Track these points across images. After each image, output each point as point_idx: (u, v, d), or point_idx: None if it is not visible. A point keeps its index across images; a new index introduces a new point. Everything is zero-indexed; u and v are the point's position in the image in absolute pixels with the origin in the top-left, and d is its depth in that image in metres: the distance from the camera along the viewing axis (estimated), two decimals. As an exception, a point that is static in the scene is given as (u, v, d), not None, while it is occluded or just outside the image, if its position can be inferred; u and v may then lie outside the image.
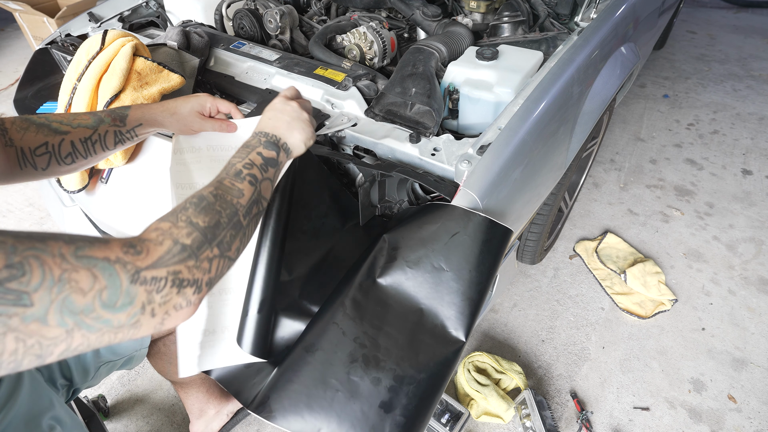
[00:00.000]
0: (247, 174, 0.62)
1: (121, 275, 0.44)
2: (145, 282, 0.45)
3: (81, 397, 1.29)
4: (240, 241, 0.57)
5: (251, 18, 1.42)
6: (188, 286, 0.49)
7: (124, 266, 0.45)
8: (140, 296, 0.45)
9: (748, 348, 1.53)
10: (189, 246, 0.50)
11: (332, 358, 0.76)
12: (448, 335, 0.79)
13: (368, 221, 1.06)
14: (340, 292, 0.85)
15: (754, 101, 2.77)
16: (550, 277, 1.77)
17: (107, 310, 0.43)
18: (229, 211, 0.57)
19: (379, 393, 0.73)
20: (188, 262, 0.49)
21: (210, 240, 0.52)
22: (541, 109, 1.02)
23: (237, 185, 0.60)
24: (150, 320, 0.46)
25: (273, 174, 0.67)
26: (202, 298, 0.51)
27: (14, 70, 3.35)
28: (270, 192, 0.66)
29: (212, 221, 0.54)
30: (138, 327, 0.46)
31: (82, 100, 1.07)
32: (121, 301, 0.44)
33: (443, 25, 1.33)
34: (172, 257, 0.48)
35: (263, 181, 0.64)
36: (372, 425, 0.71)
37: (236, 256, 0.57)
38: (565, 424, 1.35)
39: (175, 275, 0.48)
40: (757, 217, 2.00)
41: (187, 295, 0.49)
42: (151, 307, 0.46)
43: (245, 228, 0.58)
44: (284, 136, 0.71)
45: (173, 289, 0.47)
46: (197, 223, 0.52)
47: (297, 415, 0.73)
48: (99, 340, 0.44)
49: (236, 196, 0.59)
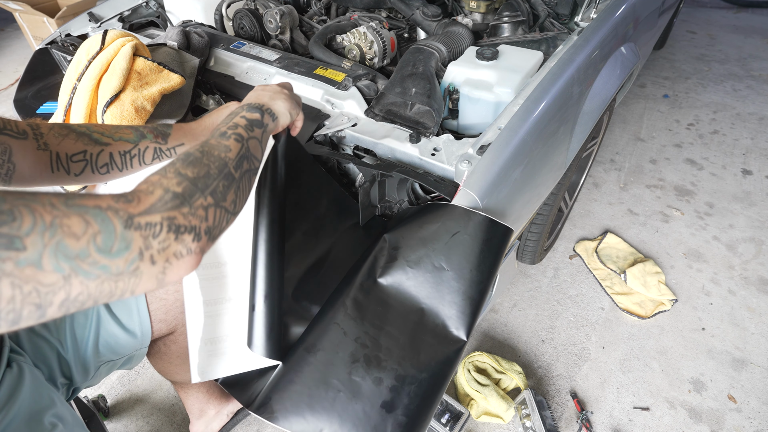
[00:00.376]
0: (232, 133, 0.62)
1: (114, 220, 0.43)
2: (140, 227, 0.45)
3: (81, 397, 1.29)
4: (235, 194, 0.57)
5: (251, 18, 1.42)
6: (186, 232, 0.48)
7: (116, 212, 0.44)
8: (136, 241, 0.44)
9: (748, 348, 1.53)
10: (180, 194, 0.50)
11: (334, 359, 0.76)
12: (449, 335, 0.79)
13: (368, 221, 1.06)
14: (341, 292, 0.85)
15: (754, 101, 2.77)
16: (550, 277, 1.77)
17: (104, 255, 0.42)
18: (217, 164, 0.56)
19: (381, 393, 0.73)
20: (182, 209, 0.49)
21: (201, 189, 0.52)
22: (541, 109, 1.02)
23: (222, 142, 0.60)
24: (151, 268, 0.45)
25: (260, 135, 0.67)
26: (204, 248, 0.51)
27: (14, 70, 3.35)
28: (260, 153, 0.66)
29: (201, 172, 0.53)
30: (139, 275, 0.45)
31: (82, 100, 1.07)
32: (117, 246, 0.43)
33: (443, 25, 1.34)
34: (164, 204, 0.48)
35: (250, 140, 0.64)
36: (374, 425, 0.71)
37: (234, 210, 0.57)
38: (565, 424, 1.35)
39: (171, 221, 0.47)
40: (757, 217, 2.00)
41: (185, 241, 0.48)
42: (150, 253, 0.45)
43: (238, 181, 0.58)
44: (267, 103, 0.72)
45: (170, 234, 0.46)
46: (186, 174, 0.52)
47: (299, 415, 0.73)
48: (99, 290, 0.43)
49: (223, 151, 0.59)
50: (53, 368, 0.80)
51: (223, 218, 0.54)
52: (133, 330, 0.86)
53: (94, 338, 0.83)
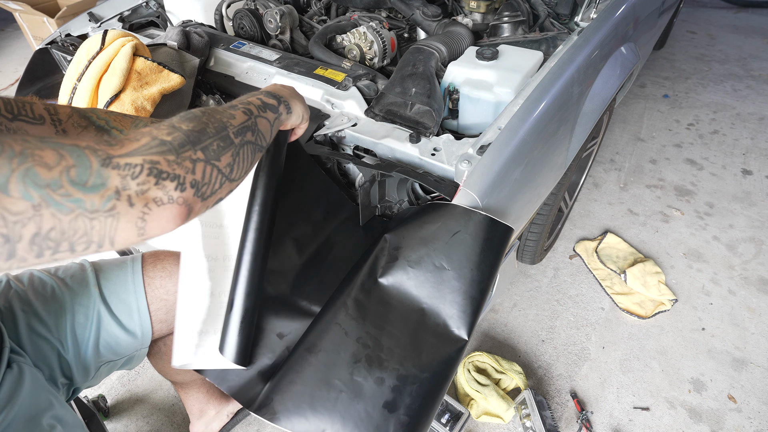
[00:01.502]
0: (241, 106, 0.61)
1: (90, 157, 0.41)
2: (118, 166, 0.42)
3: (81, 397, 1.29)
4: (233, 158, 0.54)
5: (251, 18, 1.42)
6: (168, 179, 0.45)
7: (94, 151, 0.42)
8: (113, 179, 0.42)
9: (748, 348, 1.53)
10: (169, 142, 0.47)
11: (335, 359, 0.76)
12: (450, 334, 0.79)
13: (368, 221, 1.06)
14: (342, 292, 0.85)
15: (754, 101, 2.77)
16: (550, 277, 1.77)
17: (77, 188, 0.40)
18: (217, 125, 0.54)
19: (383, 393, 0.73)
20: (168, 156, 0.46)
21: (193, 142, 0.50)
22: (541, 109, 1.02)
23: (228, 110, 0.59)
24: (128, 210, 0.42)
25: (272, 118, 0.66)
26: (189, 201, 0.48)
27: (14, 70, 3.35)
28: (268, 133, 0.64)
29: (197, 127, 0.51)
30: (116, 216, 0.42)
31: (82, 100, 1.07)
32: (92, 181, 0.40)
33: (443, 25, 1.33)
34: (149, 149, 0.45)
35: (259, 118, 0.62)
36: (376, 425, 0.71)
37: (231, 175, 0.54)
38: (565, 424, 1.35)
39: (152, 164, 0.44)
40: (757, 217, 2.00)
41: (167, 188, 0.45)
42: (128, 193, 0.42)
43: (237, 147, 0.56)
44: (286, 96, 0.71)
45: (150, 177, 0.44)
46: (180, 126, 0.50)
47: (300, 416, 0.73)
48: (73, 226, 0.40)
49: (226, 117, 0.57)
50: (54, 368, 0.80)
51: (216, 179, 0.52)
52: (133, 330, 0.86)
53: (95, 338, 0.83)
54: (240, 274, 0.79)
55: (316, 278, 0.96)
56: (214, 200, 0.53)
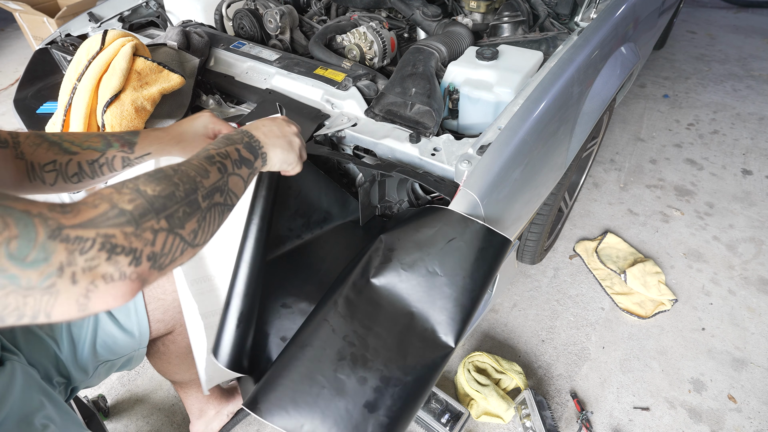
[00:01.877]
0: (218, 161, 0.59)
1: (38, 228, 0.38)
2: (67, 239, 0.39)
3: (81, 397, 1.29)
4: (198, 224, 0.51)
5: (251, 18, 1.42)
6: (122, 253, 0.42)
7: (44, 221, 0.39)
8: (58, 254, 0.38)
9: (748, 348, 1.53)
10: (129, 212, 0.44)
11: (321, 355, 0.76)
12: (437, 340, 0.79)
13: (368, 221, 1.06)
14: (334, 290, 0.85)
15: (754, 101, 2.77)
16: (550, 277, 1.77)
17: (14, 263, 0.37)
18: (188, 186, 0.51)
19: (365, 392, 0.73)
20: (126, 228, 0.43)
21: (157, 210, 0.46)
22: (541, 109, 1.02)
23: (204, 165, 0.56)
24: (70, 288, 0.39)
25: (246, 174, 0.64)
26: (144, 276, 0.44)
27: (14, 70, 3.35)
28: (241, 191, 0.63)
29: (164, 191, 0.48)
30: (54, 294, 0.39)
31: (82, 100, 1.07)
32: (33, 256, 0.37)
33: (443, 25, 1.34)
34: (106, 220, 0.42)
35: (233, 175, 0.60)
36: (355, 424, 0.71)
37: (193, 241, 0.51)
38: (565, 424, 1.35)
39: (106, 238, 0.41)
40: (757, 217, 2.00)
41: (119, 264, 0.42)
42: (72, 270, 0.39)
43: (204, 211, 0.53)
44: (267, 146, 0.69)
45: (102, 253, 0.41)
46: (145, 191, 0.46)
47: (282, 409, 0.72)
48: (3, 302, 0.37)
49: (201, 175, 0.54)
50: (49, 368, 0.80)
51: (177, 248, 0.48)
52: (131, 330, 0.86)
53: (92, 338, 0.83)
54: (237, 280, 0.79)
55: (316, 278, 0.96)
56: (173, 267, 0.49)
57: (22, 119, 1.41)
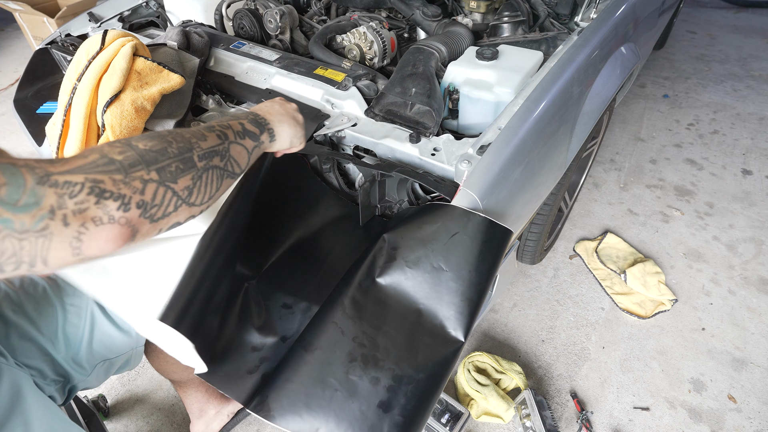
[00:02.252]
0: (218, 129, 0.58)
1: (26, 175, 0.39)
2: (56, 184, 0.40)
3: (81, 397, 1.29)
4: (192, 181, 0.51)
5: (251, 18, 1.42)
6: (111, 198, 0.43)
7: (31, 170, 0.39)
8: (48, 198, 0.39)
9: (748, 348, 1.53)
10: (119, 161, 0.44)
11: (331, 358, 0.76)
12: (447, 335, 0.79)
13: (368, 221, 1.06)
14: (340, 291, 0.85)
15: (754, 101, 2.77)
16: (550, 277, 1.77)
17: (6, 208, 0.37)
18: (181, 145, 0.51)
19: (378, 393, 0.73)
20: (115, 175, 0.43)
21: (147, 162, 0.47)
22: (541, 109, 1.02)
23: (202, 131, 0.56)
24: (63, 230, 0.40)
25: (250, 146, 0.63)
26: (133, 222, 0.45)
27: (14, 70, 3.35)
28: (244, 161, 0.62)
29: (156, 147, 0.48)
30: (48, 236, 0.40)
31: (82, 100, 1.07)
32: (24, 200, 0.38)
33: (443, 25, 1.33)
34: (94, 167, 0.43)
35: (234, 144, 0.59)
36: (370, 425, 0.71)
37: (188, 198, 0.51)
38: (565, 424, 1.35)
39: (95, 183, 0.42)
40: (757, 217, 2.00)
41: (108, 207, 0.42)
42: (63, 213, 0.40)
43: (200, 171, 0.53)
44: (273, 122, 0.69)
45: (91, 197, 0.41)
46: (136, 146, 0.47)
47: (295, 414, 0.73)
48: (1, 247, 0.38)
49: (196, 137, 0.54)
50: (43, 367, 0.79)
51: (169, 201, 0.49)
52: (127, 329, 0.87)
53: (89, 338, 0.84)
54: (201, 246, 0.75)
55: (317, 278, 0.96)
56: (168, 222, 0.50)
57: (22, 119, 1.41)
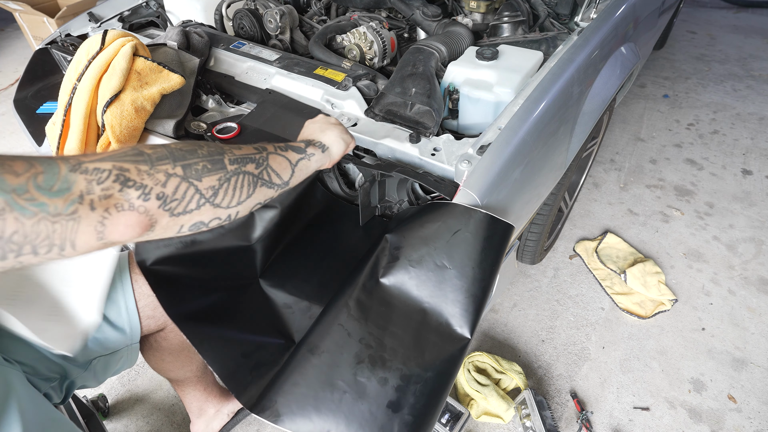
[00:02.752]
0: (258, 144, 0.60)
1: (60, 164, 0.43)
2: (86, 171, 0.43)
3: (80, 397, 1.29)
4: (219, 182, 0.53)
5: (251, 18, 1.42)
6: (133, 187, 0.46)
7: (66, 160, 0.43)
8: (79, 183, 0.43)
9: (748, 348, 1.53)
10: (148, 154, 0.47)
11: (338, 360, 0.76)
12: (453, 333, 0.79)
13: (368, 221, 1.06)
14: (344, 293, 0.85)
15: (754, 101, 2.77)
16: (550, 277, 1.77)
17: (42, 193, 0.41)
18: (212, 149, 0.53)
19: (387, 393, 0.73)
20: (141, 165, 0.46)
21: (175, 158, 0.49)
22: (541, 109, 1.02)
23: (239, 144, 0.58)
24: (89, 214, 0.43)
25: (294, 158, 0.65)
26: (150, 211, 0.47)
27: (14, 70, 3.35)
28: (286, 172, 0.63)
29: (186, 147, 0.51)
30: (77, 220, 0.43)
31: (82, 100, 1.07)
32: (58, 186, 0.42)
33: (443, 25, 1.33)
34: (123, 155, 0.46)
35: (274, 154, 0.61)
36: (381, 425, 0.71)
37: (212, 198, 0.52)
38: (565, 424, 1.35)
39: (121, 171, 0.45)
40: (757, 217, 2.00)
41: (130, 195, 0.45)
42: (90, 198, 0.43)
43: (230, 174, 0.54)
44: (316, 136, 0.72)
45: (116, 184, 0.45)
46: (168, 145, 0.50)
47: (305, 417, 0.73)
48: (36, 230, 0.41)
49: (231, 147, 0.56)
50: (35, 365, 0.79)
51: (191, 197, 0.50)
52: (122, 326, 0.87)
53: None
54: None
55: (317, 279, 0.96)
56: (190, 220, 0.51)
57: (22, 119, 1.41)
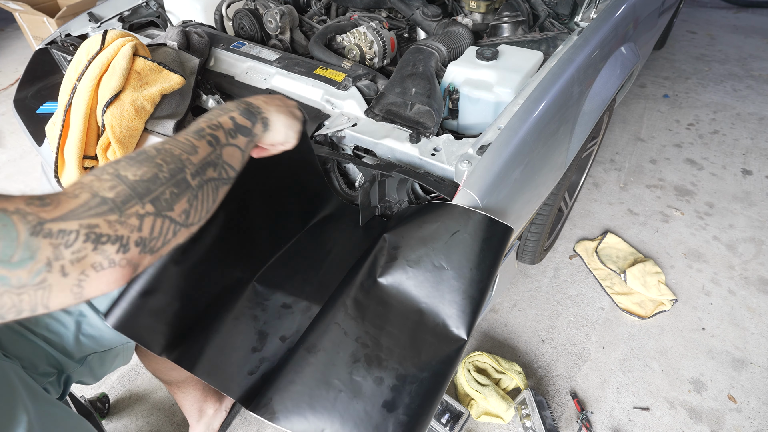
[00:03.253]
0: (209, 134, 0.55)
1: (18, 226, 0.37)
2: (50, 234, 0.39)
3: (78, 396, 1.29)
4: (189, 203, 0.50)
5: (251, 18, 1.42)
6: (108, 242, 0.42)
7: (23, 217, 0.38)
8: (44, 250, 0.38)
9: (748, 348, 1.53)
10: (111, 199, 0.43)
11: (334, 359, 0.76)
12: (449, 334, 0.79)
13: (368, 221, 1.06)
14: (342, 292, 0.85)
15: (754, 101, 2.77)
16: (550, 277, 1.77)
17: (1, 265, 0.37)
18: (172, 166, 0.49)
19: (382, 392, 0.73)
20: (109, 216, 0.42)
21: (140, 195, 0.45)
22: (541, 109, 1.02)
23: (192, 140, 0.53)
24: (62, 280, 0.40)
25: (244, 143, 0.60)
26: (134, 261, 0.44)
27: (14, 70, 3.35)
28: (238, 162, 0.59)
29: (147, 174, 0.46)
30: (47, 288, 0.39)
31: (82, 100, 1.07)
32: (18, 255, 0.37)
33: (443, 25, 1.33)
34: (87, 210, 0.42)
35: (227, 146, 0.57)
36: (375, 425, 0.71)
37: (186, 221, 0.50)
38: (565, 424, 1.35)
39: (90, 229, 0.41)
40: (757, 217, 2.00)
41: (107, 252, 0.42)
42: (61, 264, 0.39)
43: (195, 189, 0.51)
44: (268, 111, 0.66)
45: (87, 244, 0.41)
46: (125, 176, 0.45)
47: (300, 415, 0.73)
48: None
49: (187, 152, 0.51)
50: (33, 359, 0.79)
51: (168, 230, 0.48)
52: None
53: (75, 331, 0.84)
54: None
55: (317, 279, 0.96)
56: (168, 248, 0.49)
57: (22, 119, 1.41)
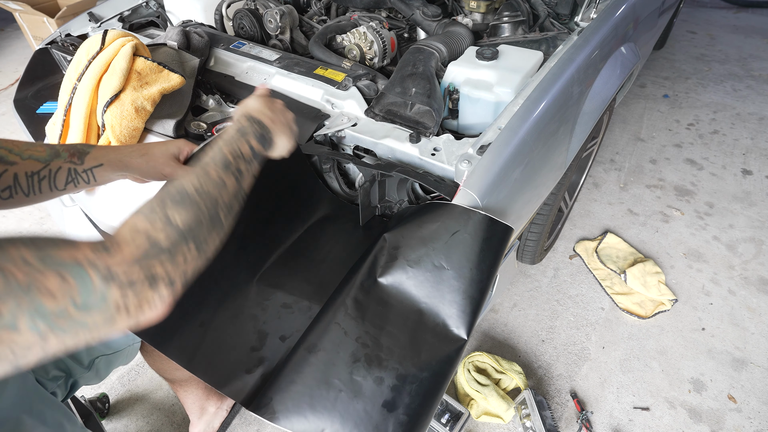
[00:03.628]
0: (234, 167, 0.61)
1: (92, 275, 0.43)
2: (119, 281, 0.44)
3: (78, 397, 1.29)
4: (217, 236, 0.56)
5: (251, 18, 1.42)
6: (162, 282, 0.48)
7: (94, 267, 0.43)
8: (113, 295, 0.44)
9: (748, 348, 1.53)
10: (166, 248, 0.49)
11: (334, 358, 0.76)
12: (449, 333, 0.79)
13: (368, 221, 1.06)
14: (342, 291, 0.85)
15: (754, 101, 2.77)
16: (550, 277, 1.77)
17: (82, 312, 0.42)
18: (210, 206, 0.55)
19: (382, 392, 0.73)
20: (165, 262, 0.48)
21: (186, 238, 0.51)
22: (541, 109, 1.02)
23: (222, 176, 0.58)
24: (125, 318, 0.45)
25: (257, 170, 0.66)
26: (177, 293, 0.50)
27: (14, 70, 3.35)
28: (250, 187, 0.64)
29: (192, 219, 0.52)
30: (113, 325, 0.45)
31: (82, 100, 1.07)
32: (94, 301, 0.42)
33: (443, 25, 1.33)
34: (147, 257, 0.47)
35: (247, 176, 0.62)
36: (375, 424, 0.71)
37: (211, 252, 0.56)
38: (565, 424, 1.35)
39: (149, 271, 0.47)
40: (757, 217, 2.00)
41: (160, 290, 0.48)
42: (126, 304, 0.45)
43: (223, 223, 0.57)
44: (275, 133, 0.70)
45: (145, 286, 0.46)
46: (176, 223, 0.51)
47: (300, 415, 0.73)
48: (75, 342, 0.42)
49: (220, 190, 0.57)
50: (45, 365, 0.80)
51: (201, 261, 0.53)
52: None
53: None
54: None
55: (317, 279, 0.96)
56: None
57: (22, 119, 1.41)
